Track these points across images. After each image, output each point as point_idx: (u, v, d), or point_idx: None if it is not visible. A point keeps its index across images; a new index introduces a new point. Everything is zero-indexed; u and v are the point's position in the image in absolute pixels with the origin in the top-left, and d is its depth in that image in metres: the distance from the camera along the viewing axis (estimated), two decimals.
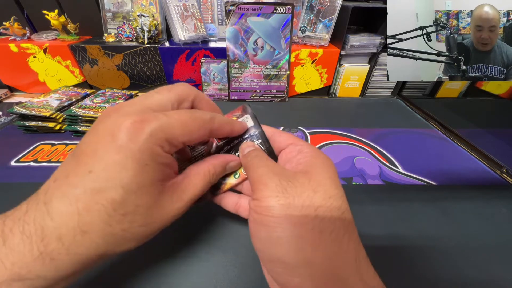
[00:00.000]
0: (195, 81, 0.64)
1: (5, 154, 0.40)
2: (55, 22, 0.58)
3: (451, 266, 0.26)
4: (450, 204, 0.34)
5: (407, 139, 0.49)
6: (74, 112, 0.44)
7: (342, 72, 0.64)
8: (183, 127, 0.16)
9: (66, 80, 0.63)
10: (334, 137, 0.49)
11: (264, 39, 0.53)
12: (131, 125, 0.14)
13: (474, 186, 0.38)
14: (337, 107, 0.62)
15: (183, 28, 0.59)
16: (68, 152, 0.41)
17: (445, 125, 0.53)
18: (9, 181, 0.35)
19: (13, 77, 0.62)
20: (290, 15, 0.52)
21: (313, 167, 0.17)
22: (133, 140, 0.14)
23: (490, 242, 0.29)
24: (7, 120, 0.49)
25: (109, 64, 0.61)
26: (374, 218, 0.31)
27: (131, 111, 0.15)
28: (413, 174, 0.39)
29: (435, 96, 0.70)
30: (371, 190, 0.36)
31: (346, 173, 0.39)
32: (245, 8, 0.50)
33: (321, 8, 0.59)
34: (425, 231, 0.30)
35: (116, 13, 0.62)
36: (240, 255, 0.26)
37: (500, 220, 0.32)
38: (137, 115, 0.15)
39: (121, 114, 0.15)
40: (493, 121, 0.60)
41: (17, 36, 0.59)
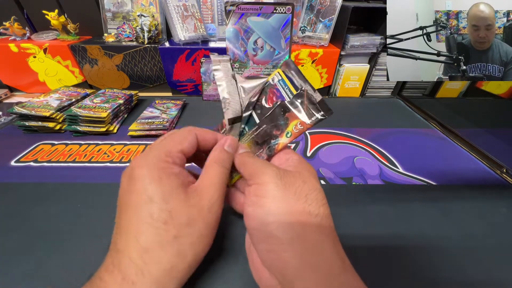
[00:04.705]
0: (195, 81, 0.64)
1: (5, 154, 0.40)
2: (55, 22, 0.58)
3: (451, 266, 0.26)
4: (450, 204, 0.34)
5: (407, 139, 0.49)
6: (74, 112, 0.44)
7: (342, 72, 0.64)
8: (176, 142, 0.20)
9: (66, 80, 0.63)
10: (334, 137, 0.49)
11: (264, 39, 0.53)
12: (138, 160, 0.19)
13: (474, 186, 0.38)
14: (337, 107, 0.62)
15: (183, 28, 0.59)
16: (68, 152, 0.41)
17: (445, 125, 0.53)
18: (9, 181, 0.35)
19: (13, 77, 0.62)
20: (290, 15, 0.52)
21: (301, 168, 0.21)
22: (144, 167, 0.18)
23: (490, 242, 0.29)
24: (7, 120, 0.49)
25: (109, 64, 0.61)
26: (374, 218, 0.31)
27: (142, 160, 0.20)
28: (413, 174, 0.39)
29: (435, 96, 0.70)
30: (371, 190, 0.36)
31: (346, 173, 0.39)
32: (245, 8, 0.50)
33: (321, 8, 0.60)
34: (425, 231, 0.30)
35: (116, 13, 0.62)
36: (240, 255, 0.26)
37: (500, 220, 0.32)
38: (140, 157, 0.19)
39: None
40: (493, 121, 0.60)
41: (17, 36, 0.59)
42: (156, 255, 0.17)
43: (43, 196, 0.33)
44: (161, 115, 0.49)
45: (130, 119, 0.51)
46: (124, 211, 0.18)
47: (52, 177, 0.36)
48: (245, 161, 0.22)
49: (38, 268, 0.24)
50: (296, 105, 0.22)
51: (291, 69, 0.23)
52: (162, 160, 0.19)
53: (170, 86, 0.65)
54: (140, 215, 0.17)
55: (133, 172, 0.18)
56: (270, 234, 0.17)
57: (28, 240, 0.27)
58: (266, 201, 0.18)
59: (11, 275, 0.24)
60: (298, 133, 0.22)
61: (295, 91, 0.22)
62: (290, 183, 0.19)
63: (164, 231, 0.17)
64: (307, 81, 0.22)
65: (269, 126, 0.23)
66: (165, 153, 0.19)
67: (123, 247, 0.17)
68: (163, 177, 0.18)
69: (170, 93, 0.66)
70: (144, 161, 0.19)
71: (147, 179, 0.18)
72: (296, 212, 0.18)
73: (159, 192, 0.17)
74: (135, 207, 0.17)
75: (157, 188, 0.17)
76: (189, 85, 0.65)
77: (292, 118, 0.22)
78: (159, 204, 0.17)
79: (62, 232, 0.28)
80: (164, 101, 0.56)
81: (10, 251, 0.26)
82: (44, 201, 0.32)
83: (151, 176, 0.18)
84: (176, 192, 0.18)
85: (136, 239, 0.17)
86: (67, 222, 0.29)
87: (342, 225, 0.29)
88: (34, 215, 0.30)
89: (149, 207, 0.17)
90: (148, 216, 0.17)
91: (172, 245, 0.17)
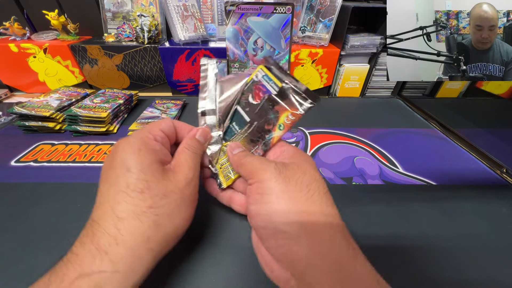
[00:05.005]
0: (195, 81, 0.64)
1: (5, 154, 0.40)
2: (55, 22, 0.58)
3: (451, 266, 0.26)
4: (450, 204, 0.34)
5: (407, 139, 0.49)
6: (74, 112, 0.44)
7: (342, 72, 0.64)
8: (156, 124, 0.22)
9: (66, 80, 0.63)
10: (334, 137, 0.49)
11: (264, 39, 0.53)
12: (122, 139, 0.20)
13: (474, 186, 0.38)
14: (337, 107, 0.62)
15: (183, 28, 0.59)
16: (68, 152, 0.41)
17: (445, 125, 0.53)
18: (9, 181, 0.35)
19: (13, 77, 0.62)
20: (290, 15, 0.52)
21: (298, 159, 0.21)
22: (126, 142, 0.19)
23: (490, 242, 0.29)
24: (7, 120, 0.49)
25: (109, 64, 0.61)
26: (374, 218, 0.31)
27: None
28: (413, 174, 0.39)
29: (435, 96, 0.70)
30: (371, 190, 0.36)
31: (346, 173, 0.39)
32: (245, 8, 0.50)
33: (321, 8, 0.60)
34: (425, 231, 0.30)
35: (116, 13, 0.62)
36: (240, 255, 0.26)
37: (500, 220, 0.32)
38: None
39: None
40: (493, 121, 0.60)
41: (17, 36, 0.59)
42: (131, 224, 0.16)
43: (43, 196, 0.33)
44: (161, 115, 0.49)
45: (130, 119, 0.51)
46: (103, 184, 0.18)
47: (52, 177, 0.36)
48: (242, 162, 0.22)
49: (38, 268, 0.24)
50: (284, 97, 0.22)
51: (270, 64, 0.24)
52: (144, 136, 0.20)
53: (170, 86, 0.65)
54: (117, 185, 0.17)
55: (115, 148, 0.19)
56: (277, 230, 0.17)
57: (28, 240, 0.27)
58: (269, 198, 0.18)
59: (11, 275, 0.24)
60: (290, 124, 0.22)
61: (280, 84, 0.22)
62: (290, 176, 0.19)
63: (140, 200, 0.17)
64: (288, 74, 0.22)
65: (260, 121, 0.23)
66: (147, 130, 0.21)
67: (98, 217, 0.17)
68: (143, 149, 0.19)
69: (170, 93, 0.66)
70: (126, 138, 0.20)
71: (127, 151, 0.18)
72: (299, 204, 0.18)
73: (137, 163, 0.18)
74: (114, 179, 0.18)
75: (136, 159, 0.18)
76: (189, 85, 0.65)
77: (282, 111, 0.22)
78: (137, 174, 0.18)
79: (62, 232, 0.28)
80: (164, 101, 0.56)
81: (10, 251, 0.26)
82: (44, 201, 0.32)
83: (131, 148, 0.19)
84: (155, 165, 0.19)
85: (111, 208, 0.17)
86: (67, 222, 0.29)
87: None
88: (34, 215, 0.30)
89: (127, 177, 0.17)
90: (125, 186, 0.17)
91: (147, 215, 0.17)
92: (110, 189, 0.17)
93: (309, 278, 0.16)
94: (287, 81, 0.22)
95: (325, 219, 0.18)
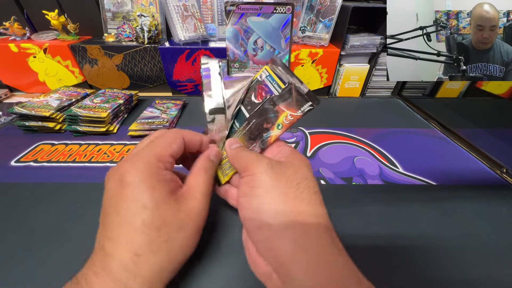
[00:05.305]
0: (195, 81, 0.64)
1: (5, 154, 0.40)
2: (55, 22, 0.58)
3: (451, 266, 0.26)
4: (450, 204, 0.34)
5: (407, 139, 0.49)
6: (74, 112, 0.44)
7: (342, 72, 0.64)
8: (166, 145, 0.21)
9: (66, 80, 0.63)
10: (334, 137, 0.49)
11: (264, 39, 0.53)
12: (128, 164, 0.19)
13: (474, 186, 0.38)
14: (337, 107, 0.62)
15: (183, 28, 0.59)
16: (68, 152, 0.41)
17: (445, 125, 0.53)
18: (9, 181, 0.35)
19: (13, 77, 0.62)
20: (290, 15, 0.52)
21: (293, 158, 0.21)
22: (137, 173, 0.18)
23: (490, 242, 0.29)
24: (7, 120, 0.49)
25: (109, 64, 0.61)
26: (374, 218, 0.31)
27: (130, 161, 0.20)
28: (413, 174, 0.39)
29: (435, 96, 0.70)
30: (371, 190, 0.36)
31: (346, 173, 0.39)
32: (245, 8, 0.50)
33: (321, 8, 0.60)
34: (425, 231, 0.30)
35: (116, 13, 0.62)
36: (240, 255, 0.26)
37: (500, 220, 0.32)
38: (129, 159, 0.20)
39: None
40: (493, 121, 0.60)
41: (17, 36, 0.59)
42: (148, 259, 0.17)
43: (43, 196, 0.33)
44: (161, 115, 0.49)
45: (130, 119, 0.51)
46: (113, 215, 0.18)
47: (52, 177, 0.36)
48: (238, 155, 0.22)
49: (38, 268, 0.24)
50: (285, 98, 0.22)
51: (277, 65, 0.24)
52: (154, 166, 0.19)
53: (170, 86, 0.65)
54: (133, 222, 0.17)
55: (124, 177, 0.18)
56: (264, 223, 0.18)
57: (28, 240, 0.27)
58: (258, 191, 0.19)
59: (11, 275, 0.24)
60: (289, 124, 0.22)
61: (283, 85, 0.22)
62: (282, 172, 0.19)
63: (156, 237, 0.17)
64: (294, 75, 0.22)
65: (259, 120, 0.24)
66: (156, 157, 0.19)
67: (113, 252, 0.17)
68: (156, 185, 0.18)
69: (170, 93, 0.66)
70: (136, 167, 0.19)
71: (141, 187, 0.18)
72: (288, 200, 0.18)
73: (152, 200, 0.18)
74: (127, 214, 0.17)
75: (151, 196, 0.18)
76: (189, 85, 0.65)
77: (282, 111, 0.22)
78: (152, 212, 0.18)
79: (62, 232, 0.28)
80: (164, 101, 0.56)
81: (10, 251, 0.26)
82: (44, 201, 0.32)
83: (145, 184, 0.18)
84: (168, 198, 0.19)
85: (127, 245, 0.17)
86: (67, 222, 0.29)
87: (342, 225, 0.29)
88: (34, 215, 0.30)
89: (142, 215, 0.17)
90: (141, 223, 0.17)
91: (162, 249, 0.18)
92: (124, 224, 0.17)
93: (292, 273, 0.16)
94: (291, 82, 0.22)
95: (312, 217, 0.18)
